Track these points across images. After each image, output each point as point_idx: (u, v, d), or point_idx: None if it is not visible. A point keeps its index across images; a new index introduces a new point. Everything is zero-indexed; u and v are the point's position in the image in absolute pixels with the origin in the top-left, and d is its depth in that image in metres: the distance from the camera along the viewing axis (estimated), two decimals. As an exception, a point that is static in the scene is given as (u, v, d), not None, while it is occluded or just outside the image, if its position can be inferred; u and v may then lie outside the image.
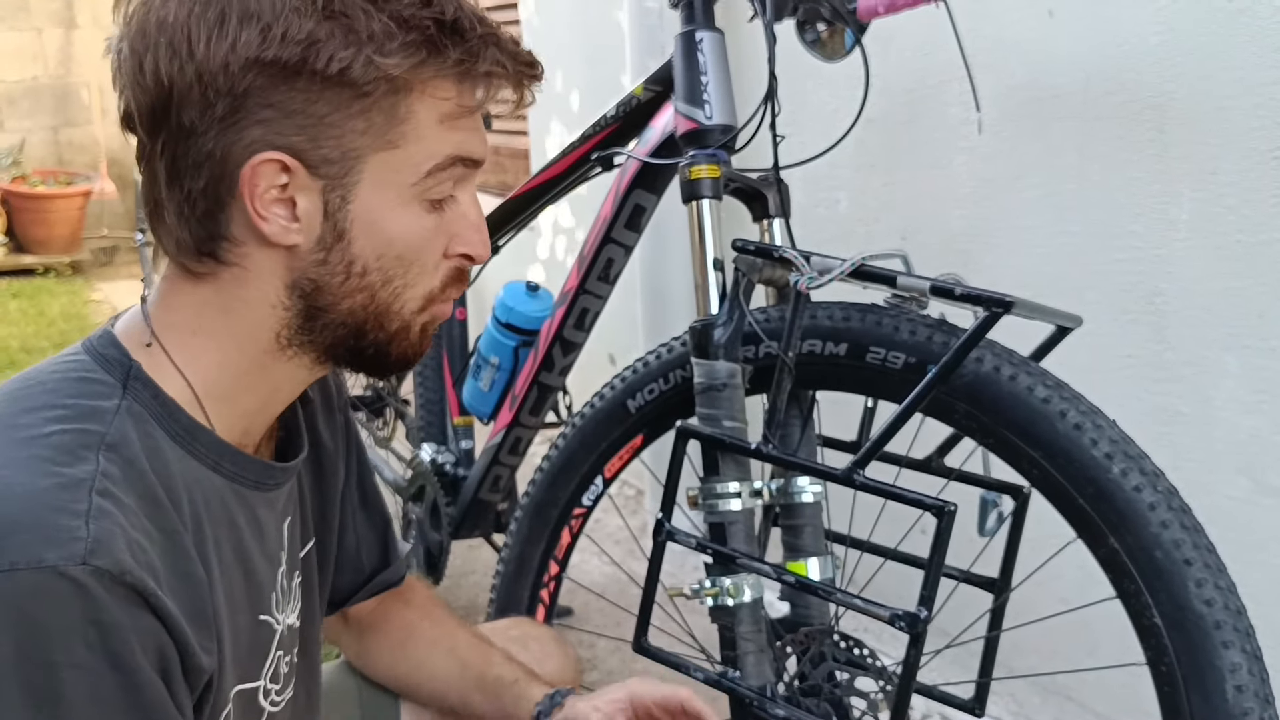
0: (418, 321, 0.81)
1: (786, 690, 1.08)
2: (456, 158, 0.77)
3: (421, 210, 0.77)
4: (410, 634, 1.07)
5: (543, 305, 1.69)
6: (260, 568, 0.82)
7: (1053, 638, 1.57)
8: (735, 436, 1.07)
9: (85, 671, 0.63)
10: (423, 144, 0.75)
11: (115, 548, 0.64)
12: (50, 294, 5.40)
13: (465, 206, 0.80)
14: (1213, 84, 1.31)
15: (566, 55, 2.86)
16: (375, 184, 0.75)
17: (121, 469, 0.69)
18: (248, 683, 0.80)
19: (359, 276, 0.77)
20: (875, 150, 1.78)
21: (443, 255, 0.80)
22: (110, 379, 0.73)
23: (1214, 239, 1.34)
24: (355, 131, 0.73)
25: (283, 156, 0.72)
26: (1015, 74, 1.53)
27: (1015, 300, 0.91)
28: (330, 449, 0.97)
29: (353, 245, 0.76)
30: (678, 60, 1.22)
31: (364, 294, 0.78)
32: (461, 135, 0.77)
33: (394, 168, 0.75)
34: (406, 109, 0.74)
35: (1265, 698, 0.89)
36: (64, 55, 6.43)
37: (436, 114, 0.75)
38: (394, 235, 0.77)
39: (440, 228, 0.79)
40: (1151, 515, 0.91)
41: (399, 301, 0.79)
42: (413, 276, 0.79)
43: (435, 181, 0.77)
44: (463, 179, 0.79)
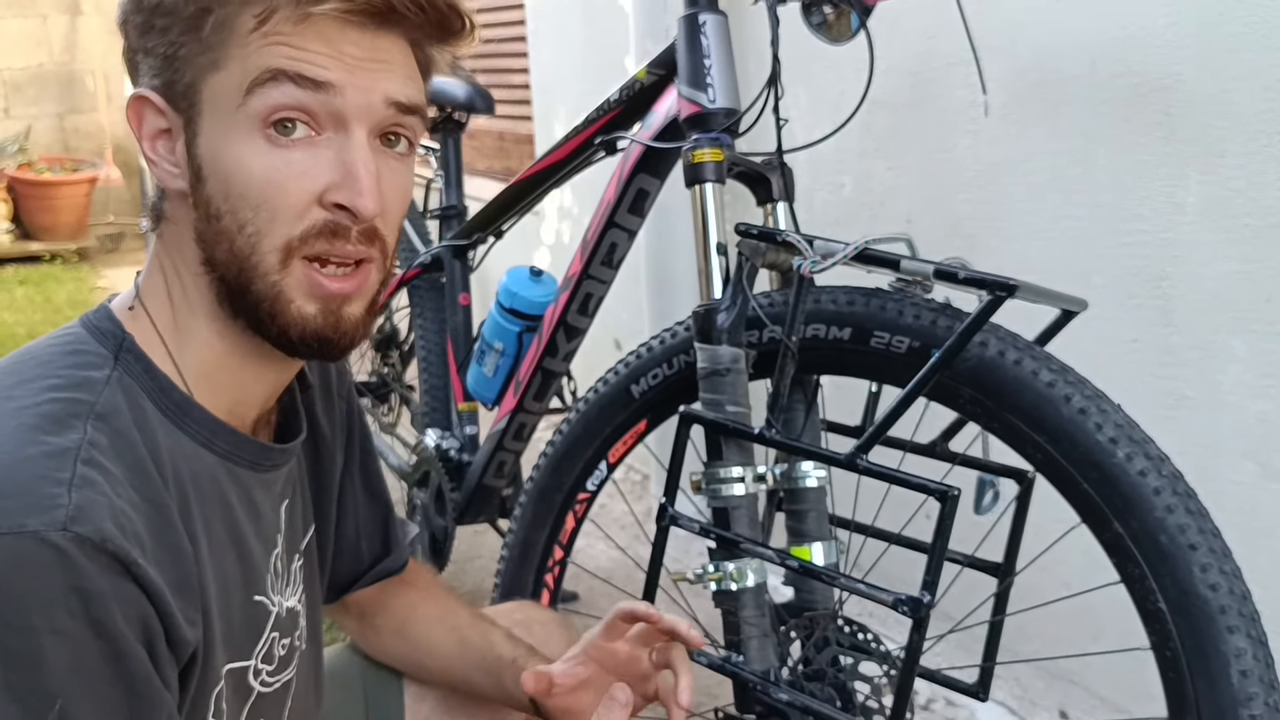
0: (290, 285, 0.74)
1: (790, 674, 1.08)
2: (279, 71, 0.70)
3: (263, 142, 0.71)
4: (412, 613, 1.07)
5: (546, 290, 1.68)
6: (254, 548, 0.81)
7: (1057, 623, 1.57)
8: (739, 421, 1.07)
9: (66, 638, 0.63)
10: (242, 62, 0.71)
11: (97, 515, 0.64)
12: (56, 281, 5.41)
13: (343, 151, 0.73)
14: (1221, 66, 1.30)
15: (570, 39, 2.85)
16: (212, 112, 0.72)
17: (110, 438, 0.69)
18: (238, 661, 0.80)
19: (216, 219, 0.73)
20: (880, 134, 1.77)
21: (314, 202, 0.73)
22: (103, 350, 0.74)
23: (1221, 222, 1.33)
24: (192, 58, 0.72)
25: (146, 93, 0.74)
26: (1022, 57, 1.52)
27: (1020, 284, 0.91)
28: (328, 437, 0.96)
29: (207, 183, 0.73)
30: (681, 43, 1.21)
31: (225, 241, 0.73)
32: (289, 50, 0.71)
33: (221, 91, 0.71)
34: (219, 21, 0.71)
35: (1270, 683, 0.88)
36: (69, 42, 6.43)
37: (250, 25, 0.70)
38: (232, 169, 0.72)
39: (299, 168, 0.72)
40: (1156, 500, 0.91)
41: (256, 254, 0.73)
42: (264, 221, 0.72)
43: (262, 104, 0.71)
44: (326, 116, 0.72)
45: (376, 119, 0.74)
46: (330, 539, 0.99)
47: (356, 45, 0.72)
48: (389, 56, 0.75)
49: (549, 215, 3.08)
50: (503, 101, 3.34)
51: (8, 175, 5.98)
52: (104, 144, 6.46)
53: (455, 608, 1.08)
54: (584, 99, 2.75)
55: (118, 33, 0.76)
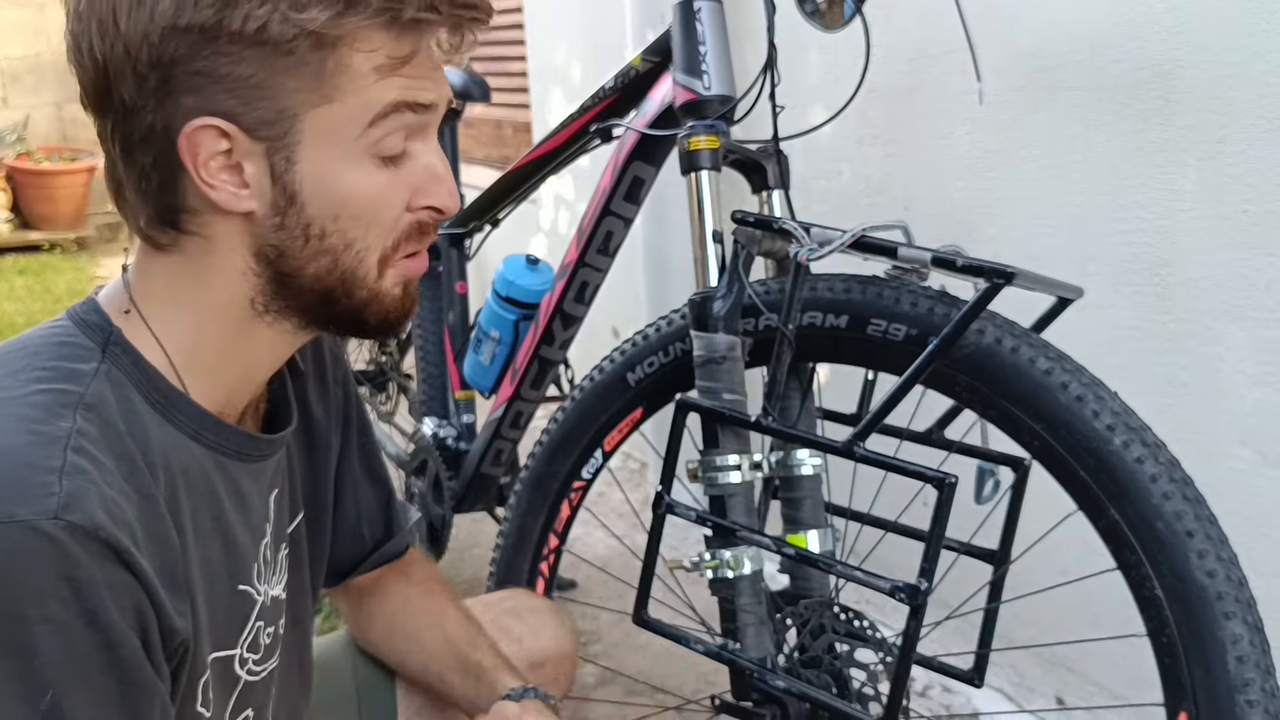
0: (386, 284, 0.78)
1: (787, 662, 1.08)
2: (400, 104, 0.73)
3: (373, 166, 0.75)
4: (405, 606, 1.07)
5: (543, 279, 1.68)
6: (241, 538, 0.82)
7: (1054, 609, 1.57)
8: (735, 409, 1.06)
9: (59, 627, 0.63)
10: (360, 96, 0.72)
11: (89, 504, 0.64)
12: (56, 270, 5.41)
13: (425, 157, 0.77)
14: (1221, 51, 1.29)
15: (567, 26, 2.84)
16: (318, 142, 0.73)
17: (99, 428, 0.69)
18: (223, 650, 0.80)
19: (318, 239, 0.75)
20: (877, 121, 1.76)
21: (405, 210, 0.77)
22: (90, 343, 0.74)
23: (1220, 209, 1.32)
24: (287, 90, 0.71)
25: (216, 121, 0.71)
26: (1019, 43, 1.51)
27: (1017, 271, 0.90)
28: (322, 422, 0.96)
29: (307, 208, 0.74)
30: (676, 30, 1.21)
31: (327, 258, 0.76)
32: (404, 82, 0.73)
33: (334, 124, 0.73)
34: (336, 62, 0.71)
35: (1266, 669, 0.88)
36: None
37: (369, 65, 0.72)
38: (346, 195, 0.74)
39: (399, 182, 0.76)
40: (1153, 487, 0.91)
41: (363, 266, 0.77)
42: (374, 238, 0.76)
43: (382, 133, 0.74)
44: (418, 129, 0.76)
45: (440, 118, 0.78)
46: (326, 525, 0.99)
47: (432, 57, 0.76)
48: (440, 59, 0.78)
49: (546, 203, 3.07)
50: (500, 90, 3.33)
51: (6, 165, 5.97)
52: (102, 133, 6.44)
53: (446, 606, 1.08)
54: (582, 87, 2.75)
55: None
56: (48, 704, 0.63)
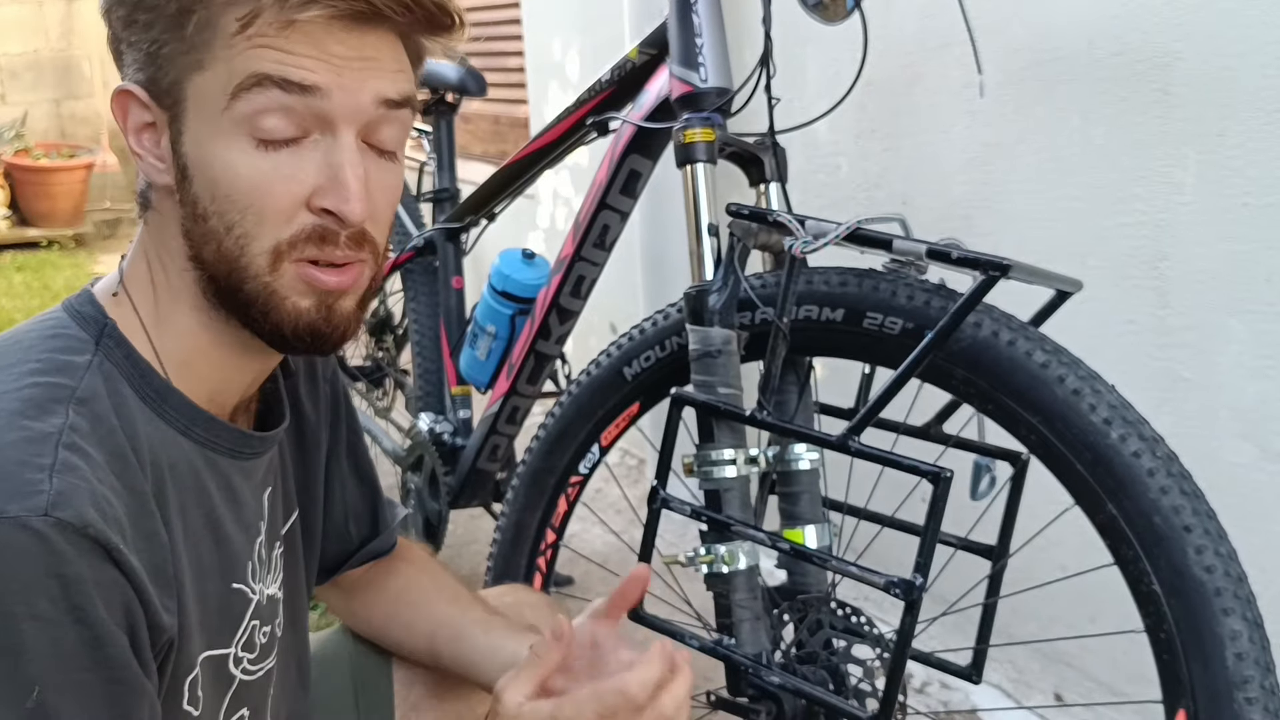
0: (283, 286, 0.73)
1: (783, 657, 1.08)
2: (264, 76, 0.69)
3: (249, 146, 0.70)
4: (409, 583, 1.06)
5: (539, 273, 1.67)
6: (234, 536, 0.81)
7: (1053, 605, 1.56)
8: (730, 403, 1.06)
9: (47, 624, 0.62)
10: (228, 64, 0.69)
11: (79, 501, 0.63)
12: (54, 267, 5.40)
13: (330, 155, 0.72)
14: (1220, 43, 1.28)
15: (564, 20, 2.83)
16: (197, 112, 0.71)
17: (90, 424, 0.68)
18: (216, 649, 0.79)
19: (203, 220, 0.72)
20: (876, 114, 1.76)
21: (302, 206, 0.72)
22: (84, 335, 0.73)
23: (1220, 202, 1.32)
24: (176, 55, 0.71)
25: (130, 87, 0.73)
26: (1018, 36, 1.50)
27: (1013, 263, 0.90)
28: (312, 420, 0.95)
29: (193, 183, 0.72)
30: (672, 22, 1.20)
31: (212, 242, 0.72)
32: (276, 55, 0.69)
33: (205, 92, 0.70)
34: (202, 22, 0.69)
35: (1266, 665, 0.87)
36: (65, 28, 6.40)
37: (235, 25, 0.69)
38: (219, 171, 0.71)
39: (287, 172, 0.71)
40: (1150, 481, 0.90)
41: (245, 256, 0.72)
42: (251, 224, 0.71)
43: (249, 108, 0.69)
44: (315, 119, 0.71)
45: (365, 119, 0.73)
46: (318, 523, 0.99)
47: (343, 45, 0.71)
48: (376, 54, 0.73)
49: (543, 198, 3.06)
50: (497, 85, 3.32)
51: (5, 161, 5.96)
52: (100, 130, 6.44)
53: (454, 582, 1.07)
54: (580, 82, 2.74)
55: None
56: (34, 702, 0.62)
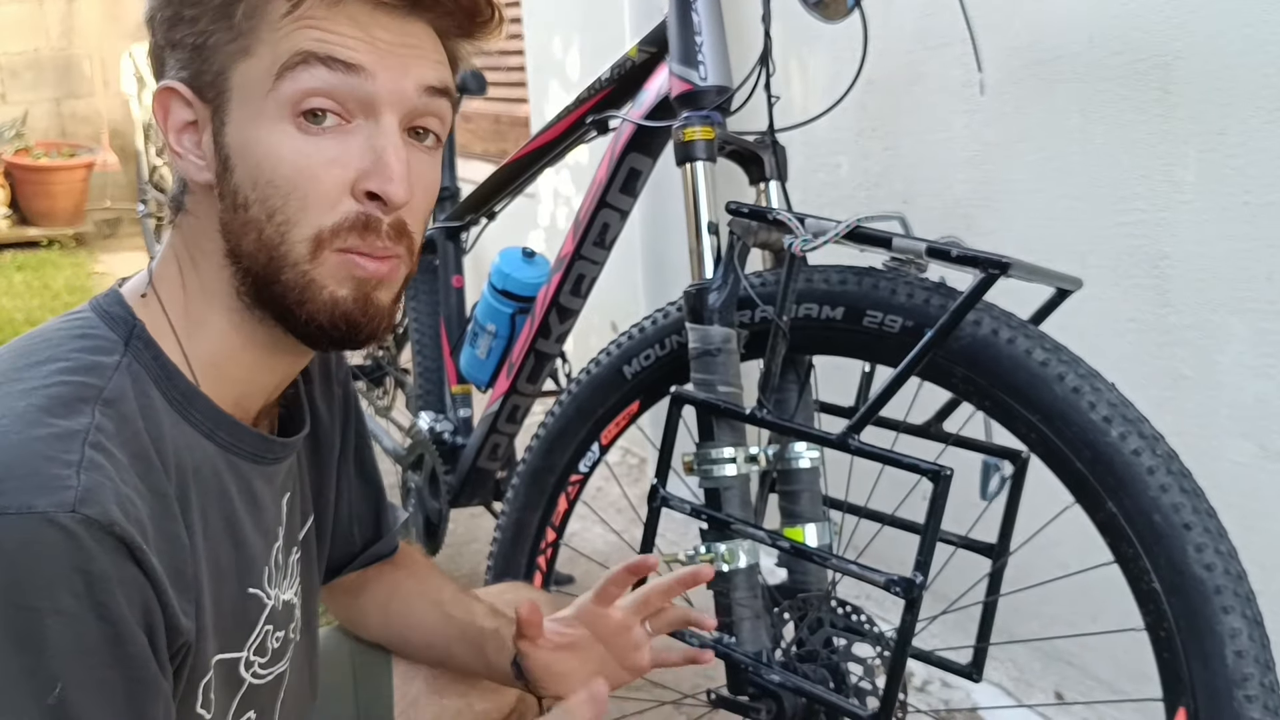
0: (323, 275, 0.73)
1: (783, 656, 1.08)
2: (309, 54, 0.69)
3: (293, 129, 0.71)
4: (396, 589, 1.07)
5: (539, 271, 1.67)
6: (253, 540, 0.81)
7: (1054, 603, 1.56)
8: (730, 402, 1.06)
9: (70, 619, 0.62)
10: (273, 47, 0.70)
11: (105, 499, 0.64)
12: (54, 266, 5.40)
13: (374, 138, 0.72)
14: (1221, 42, 1.28)
15: (565, 18, 2.83)
16: (241, 100, 0.71)
17: (116, 424, 0.68)
18: (229, 653, 0.80)
19: (244, 209, 0.72)
20: (877, 113, 1.75)
21: (346, 192, 0.72)
22: (113, 335, 0.73)
23: (1221, 200, 1.32)
24: (221, 47, 0.71)
25: (173, 84, 0.73)
26: (1018, 34, 1.50)
27: (1013, 261, 0.90)
28: (326, 423, 0.96)
29: (235, 172, 0.72)
30: (672, 20, 1.20)
31: (253, 231, 0.72)
32: (319, 34, 0.70)
33: (252, 77, 0.71)
34: (250, 7, 0.70)
35: (1265, 663, 0.87)
36: (66, 27, 6.40)
37: (282, 10, 0.70)
38: (262, 157, 0.71)
39: (331, 155, 0.71)
40: (1150, 479, 0.90)
41: (286, 243, 0.72)
42: (294, 210, 0.71)
43: (293, 88, 0.70)
44: (358, 102, 0.71)
45: (408, 106, 0.73)
46: (329, 526, 0.99)
47: (387, 30, 0.72)
48: (419, 42, 0.75)
49: (544, 196, 3.06)
50: (498, 84, 3.32)
51: (5, 160, 5.97)
52: (101, 129, 6.44)
53: (439, 583, 1.08)
54: (580, 80, 2.74)
55: (116, 19, 0.78)
56: (55, 697, 0.62)
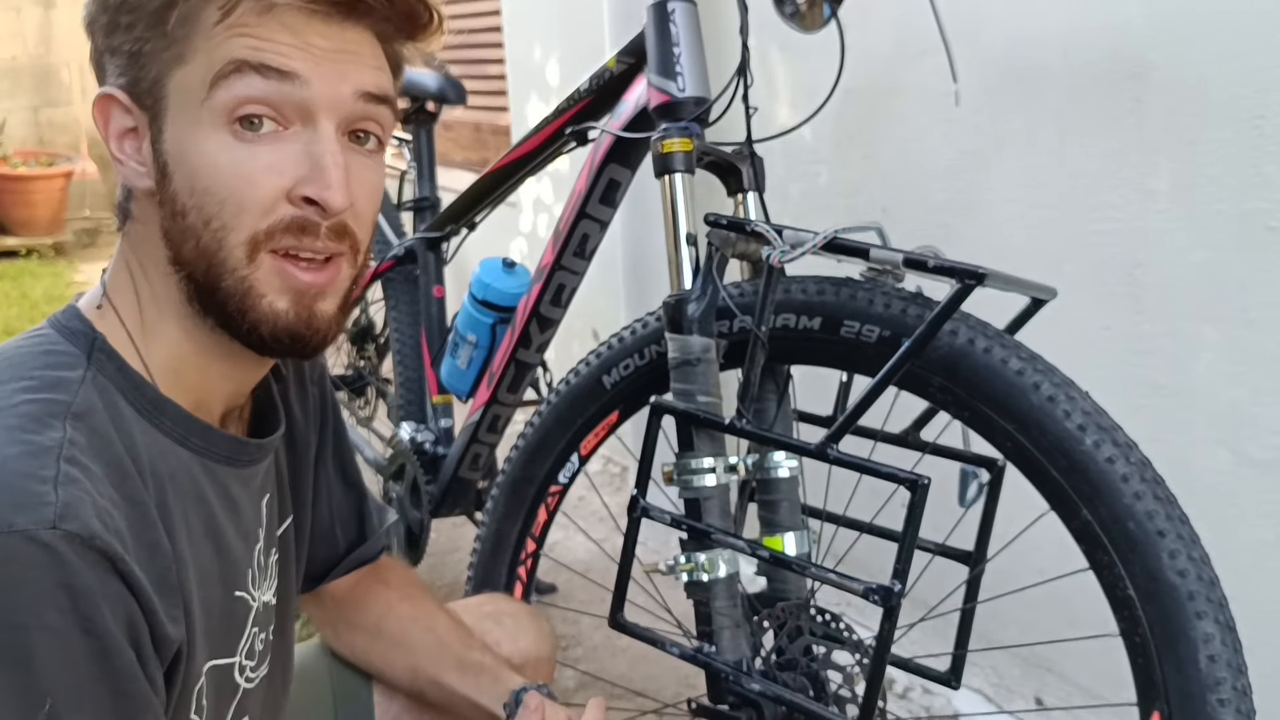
0: (259, 279, 0.73)
1: (763, 665, 1.08)
2: (243, 63, 0.70)
3: (229, 136, 0.71)
4: (389, 611, 1.07)
5: (519, 282, 1.67)
6: (234, 544, 0.81)
7: (1033, 610, 1.57)
8: (709, 412, 1.06)
9: (55, 635, 0.62)
10: (208, 55, 0.70)
11: (84, 513, 0.64)
12: (33, 276, 5.37)
13: (311, 144, 0.72)
14: (1193, 53, 1.30)
15: (545, 28, 2.83)
16: (177, 107, 0.72)
17: (88, 437, 0.68)
18: (222, 658, 0.80)
19: (182, 217, 0.72)
20: (855, 123, 1.77)
21: (283, 198, 0.72)
22: (75, 350, 0.73)
23: (1194, 210, 1.33)
24: (157, 54, 0.72)
25: (112, 91, 0.74)
26: (994, 45, 1.52)
27: (988, 272, 0.90)
28: (301, 423, 0.96)
29: (173, 180, 0.73)
30: (650, 31, 1.20)
31: (191, 239, 0.72)
32: (253, 42, 0.70)
33: (186, 85, 0.71)
34: (183, 15, 0.71)
35: (1238, 668, 0.88)
36: (43, 35, 6.37)
37: (214, 18, 0.70)
38: (198, 164, 0.71)
39: (266, 162, 0.72)
40: (1124, 487, 0.91)
41: (224, 249, 0.72)
42: (230, 216, 0.71)
43: (228, 96, 0.70)
44: (294, 109, 0.72)
45: (345, 112, 0.74)
46: (308, 526, 0.99)
47: (323, 37, 0.72)
48: (357, 48, 0.74)
49: (525, 206, 3.07)
50: (478, 93, 3.32)
51: (-18, 170, 5.93)
52: (79, 137, 6.41)
53: (433, 610, 1.08)
54: (560, 90, 2.75)
55: None
56: (45, 714, 0.62)
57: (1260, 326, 1.29)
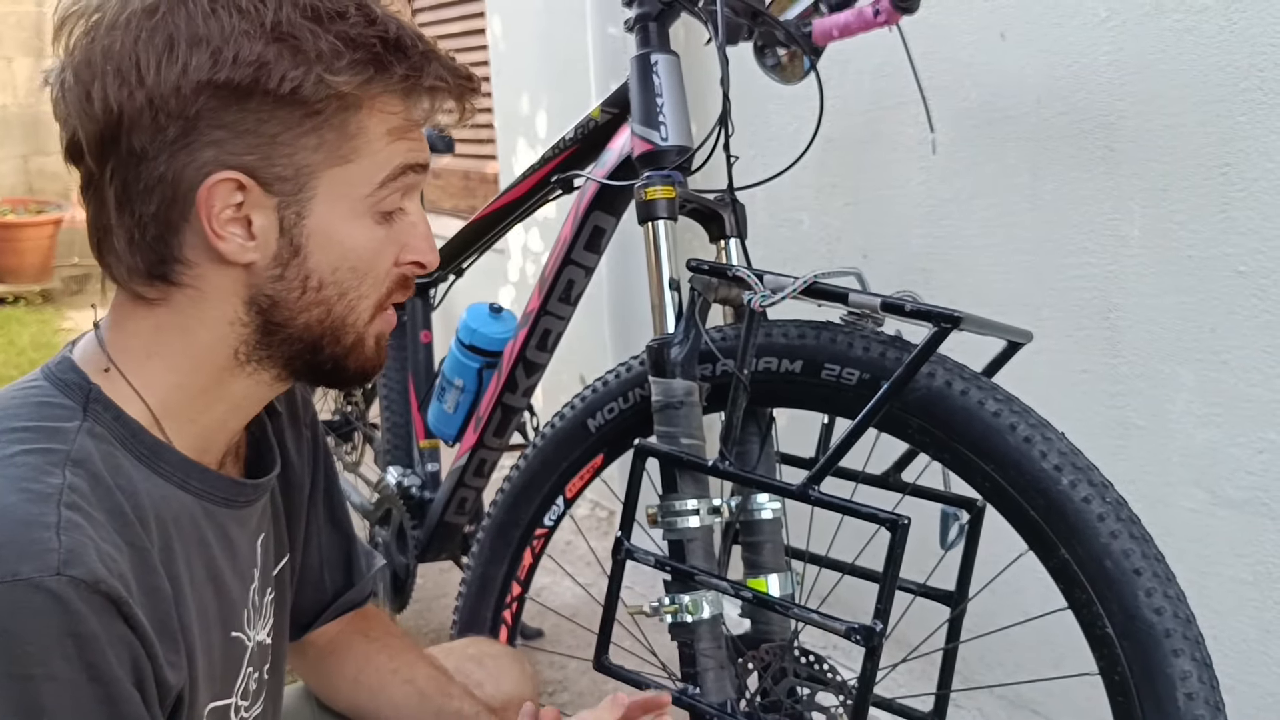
0: (371, 332, 0.82)
1: (748, 706, 1.08)
2: (406, 166, 0.79)
3: (373, 222, 0.79)
4: (367, 664, 1.07)
5: (505, 327, 1.69)
6: (232, 585, 0.82)
7: (1017, 650, 1.58)
8: (693, 454, 1.08)
9: (64, 684, 0.63)
10: (374, 157, 0.77)
11: (88, 558, 0.65)
12: (20, 323, 5.36)
13: (414, 215, 0.82)
14: (1161, 102, 1.33)
15: (532, 78, 2.88)
16: (330, 198, 0.77)
17: (88, 484, 0.69)
18: (220, 700, 0.80)
19: (315, 290, 0.78)
20: (836, 170, 1.80)
21: (393, 264, 0.82)
22: (70, 402, 0.74)
23: (1165, 254, 1.36)
24: (308, 148, 0.75)
25: (238, 175, 0.73)
26: (969, 95, 1.55)
27: (964, 316, 0.92)
28: (296, 464, 0.97)
29: (309, 260, 0.77)
30: (634, 82, 1.23)
31: (320, 308, 0.79)
32: (409, 145, 0.79)
33: (348, 182, 0.77)
34: (357, 125, 0.76)
35: (1216, 705, 0.89)
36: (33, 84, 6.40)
37: (385, 128, 0.77)
38: (349, 248, 0.78)
39: (390, 238, 0.81)
40: (1101, 526, 0.92)
41: (354, 314, 0.80)
42: (366, 288, 0.80)
43: (387, 192, 0.79)
44: (410, 189, 0.81)
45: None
46: (298, 568, 1.00)
47: None
48: None
49: (513, 253, 3.09)
50: (466, 141, 3.36)
51: (-29, 217, 5.93)
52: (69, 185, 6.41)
53: (413, 661, 1.08)
54: (548, 139, 2.78)
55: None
56: None
57: (1233, 368, 1.31)
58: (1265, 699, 1.35)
